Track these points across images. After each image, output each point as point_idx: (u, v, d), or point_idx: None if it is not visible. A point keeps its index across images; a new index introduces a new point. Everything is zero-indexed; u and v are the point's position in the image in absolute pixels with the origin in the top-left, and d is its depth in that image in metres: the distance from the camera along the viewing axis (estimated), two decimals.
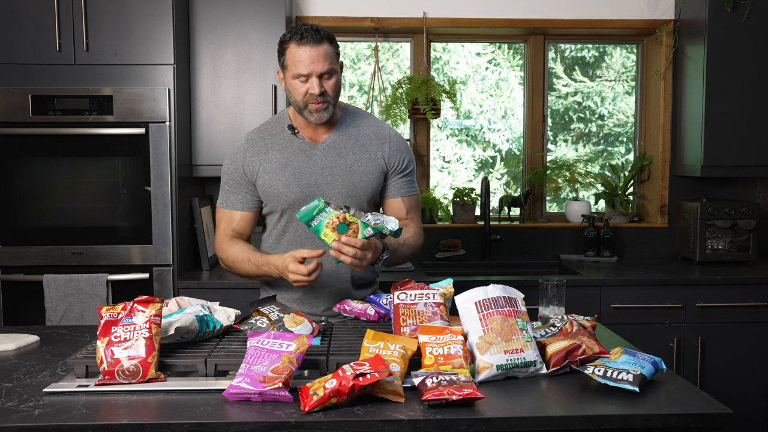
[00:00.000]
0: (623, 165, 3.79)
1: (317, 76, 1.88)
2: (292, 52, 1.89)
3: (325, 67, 1.88)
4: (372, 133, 2.05)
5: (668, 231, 3.62)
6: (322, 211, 1.73)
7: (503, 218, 3.71)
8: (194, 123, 3.14)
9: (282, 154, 2.00)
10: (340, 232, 1.71)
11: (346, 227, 1.72)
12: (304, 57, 1.87)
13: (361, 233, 1.71)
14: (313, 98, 1.89)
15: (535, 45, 3.67)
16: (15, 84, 2.84)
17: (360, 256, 1.74)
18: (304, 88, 1.89)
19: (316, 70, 1.87)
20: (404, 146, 2.08)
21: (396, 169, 2.06)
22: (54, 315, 2.84)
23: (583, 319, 1.76)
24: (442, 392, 1.35)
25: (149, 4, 2.87)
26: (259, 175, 2.01)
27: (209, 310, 1.77)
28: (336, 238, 1.72)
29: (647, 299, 2.99)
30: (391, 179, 2.06)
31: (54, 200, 2.90)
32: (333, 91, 1.92)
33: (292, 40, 1.89)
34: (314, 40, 1.87)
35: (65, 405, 1.39)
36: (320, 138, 2.01)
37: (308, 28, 1.88)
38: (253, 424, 1.31)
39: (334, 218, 1.72)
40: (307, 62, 1.87)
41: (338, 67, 1.95)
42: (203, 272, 3.13)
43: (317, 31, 1.88)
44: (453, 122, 3.80)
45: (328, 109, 1.92)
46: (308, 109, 1.92)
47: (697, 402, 1.42)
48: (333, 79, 1.91)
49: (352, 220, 1.72)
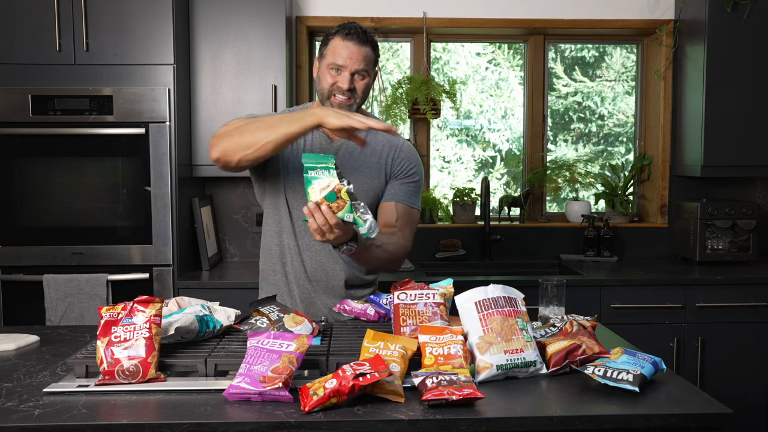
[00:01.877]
0: (623, 165, 3.79)
1: (350, 72, 1.92)
2: (334, 43, 1.93)
3: (361, 66, 1.92)
4: (385, 141, 2.07)
5: (668, 231, 3.62)
6: (327, 170, 1.66)
7: (503, 218, 3.71)
8: (194, 123, 3.14)
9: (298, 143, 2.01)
10: (327, 199, 1.64)
11: (335, 197, 1.65)
12: (343, 51, 1.91)
13: (342, 214, 1.65)
14: (340, 90, 1.92)
15: (535, 45, 3.67)
16: (15, 84, 2.84)
17: (327, 229, 1.67)
18: (334, 78, 1.93)
19: (351, 66, 1.91)
20: (414, 158, 2.08)
21: (397, 174, 2.05)
22: (54, 315, 2.84)
23: (583, 319, 1.76)
24: (442, 392, 1.35)
25: (149, 4, 2.87)
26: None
27: (209, 310, 1.77)
28: (318, 201, 1.64)
29: (647, 299, 2.99)
30: (391, 183, 2.06)
31: (54, 200, 2.90)
32: (361, 92, 1.95)
33: (339, 34, 1.93)
34: (359, 39, 1.92)
35: (65, 405, 1.39)
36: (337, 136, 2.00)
37: (357, 27, 1.93)
38: (253, 424, 1.31)
39: (330, 183, 1.65)
40: (345, 56, 1.91)
41: (373, 73, 1.98)
42: (203, 272, 3.13)
43: (364, 32, 1.94)
44: (453, 122, 3.80)
45: (351, 107, 1.95)
46: (330, 101, 1.94)
47: (697, 402, 1.42)
48: (364, 81, 1.95)
49: (344, 197, 1.65)
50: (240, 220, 3.50)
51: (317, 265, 2.04)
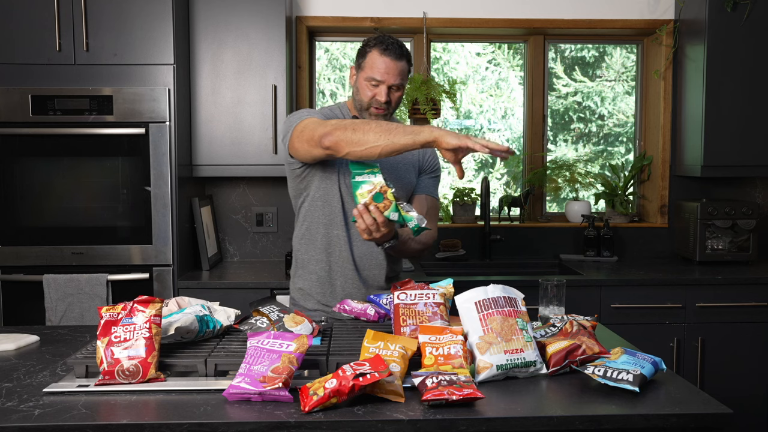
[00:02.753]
0: (623, 165, 3.79)
1: (387, 86, 2.05)
2: (373, 57, 2.06)
3: (397, 81, 2.06)
4: None
5: (668, 231, 3.62)
6: (373, 174, 1.80)
7: (503, 218, 3.71)
8: (194, 123, 3.14)
9: None
10: (375, 200, 1.79)
11: (381, 198, 1.80)
12: (382, 66, 2.04)
13: (390, 212, 1.79)
14: (377, 103, 2.06)
15: (535, 45, 3.67)
16: (15, 84, 2.84)
17: (374, 228, 1.82)
18: (373, 92, 2.06)
19: (388, 81, 2.05)
20: (436, 154, 2.27)
21: (427, 169, 2.24)
22: (54, 315, 2.84)
23: (583, 319, 1.76)
24: (442, 392, 1.35)
25: (149, 4, 2.87)
26: None
27: (209, 310, 1.77)
28: (367, 202, 1.80)
29: (647, 299, 2.99)
30: (421, 177, 2.23)
31: (54, 200, 2.90)
32: (395, 103, 2.11)
33: (377, 47, 2.06)
34: (396, 55, 2.05)
35: (65, 405, 1.39)
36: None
37: (394, 42, 2.06)
38: (253, 424, 1.31)
39: (377, 185, 1.79)
40: (383, 71, 2.04)
41: (405, 84, 2.12)
42: (203, 272, 3.13)
43: (401, 47, 2.07)
44: (453, 122, 3.80)
45: (385, 116, 2.10)
46: (369, 112, 2.09)
47: (697, 402, 1.42)
48: (399, 93, 2.10)
49: (390, 197, 1.80)
50: (240, 220, 3.50)
51: (364, 256, 2.15)
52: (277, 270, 3.18)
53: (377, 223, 1.80)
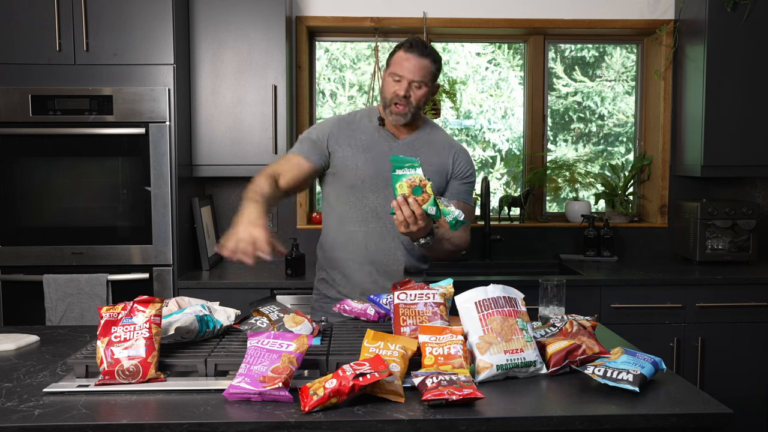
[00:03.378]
0: (623, 165, 3.79)
1: (408, 81, 2.10)
2: (398, 55, 2.13)
3: (417, 77, 2.10)
4: (445, 142, 2.28)
5: (668, 231, 3.62)
6: (413, 167, 1.82)
7: (503, 218, 3.71)
8: (194, 123, 3.14)
9: (367, 138, 2.21)
10: (414, 193, 1.81)
11: (420, 191, 1.81)
12: (404, 62, 2.11)
13: (428, 205, 1.81)
14: (397, 98, 2.11)
15: (535, 45, 3.67)
16: (15, 84, 2.84)
17: (412, 221, 1.83)
18: (394, 88, 2.12)
19: (408, 76, 2.10)
20: (470, 160, 2.29)
21: (457, 175, 2.25)
22: (54, 315, 2.84)
23: (583, 319, 1.76)
24: (442, 392, 1.35)
25: (149, 4, 2.87)
26: (341, 148, 2.19)
27: (209, 310, 1.77)
28: (406, 194, 1.81)
29: (647, 299, 2.99)
30: (452, 182, 2.25)
31: (54, 200, 2.90)
32: (416, 101, 2.13)
33: (403, 47, 2.13)
34: (420, 52, 2.10)
35: (65, 405, 1.39)
36: (401, 135, 2.23)
37: (419, 41, 2.12)
38: (253, 424, 1.31)
39: (417, 178, 1.81)
40: (405, 66, 2.10)
41: (431, 85, 2.16)
42: (203, 272, 3.13)
43: (425, 46, 2.13)
44: (453, 122, 3.80)
45: (406, 114, 2.14)
46: (390, 108, 2.14)
47: (697, 402, 1.42)
48: (421, 90, 2.13)
49: (429, 191, 1.82)
50: None
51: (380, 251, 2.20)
52: (277, 270, 3.18)
53: (415, 215, 1.81)
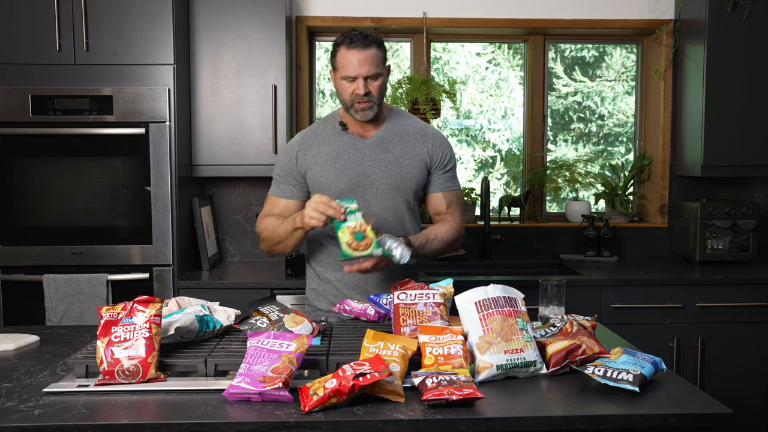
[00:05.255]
0: (623, 165, 3.79)
1: (363, 78, 2.03)
2: (342, 54, 2.05)
3: (371, 71, 2.03)
4: (416, 131, 2.20)
5: (668, 231, 3.62)
6: (352, 213, 1.87)
7: (503, 218, 3.71)
8: (194, 123, 3.14)
9: (332, 148, 2.14)
10: (356, 239, 1.85)
11: (362, 237, 1.85)
12: (352, 60, 2.02)
13: (371, 250, 1.85)
14: (359, 98, 2.04)
15: (535, 45, 3.67)
16: (15, 84, 2.84)
17: (371, 269, 1.92)
18: (351, 88, 2.04)
19: (362, 73, 2.02)
20: (446, 144, 2.23)
21: (438, 165, 2.19)
22: (54, 315, 2.84)
23: (583, 319, 1.76)
24: (442, 392, 1.35)
25: (149, 4, 2.87)
26: (310, 167, 2.13)
27: (209, 310, 1.77)
28: (349, 241, 1.85)
29: (647, 299, 2.99)
30: (434, 174, 2.20)
31: (54, 200, 2.90)
32: (377, 92, 2.06)
33: (343, 44, 2.04)
34: (362, 45, 2.02)
35: (65, 405, 1.39)
36: (368, 134, 2.16)
37: (357, 34, 2.04)
38: (253, 424, 1.31)
39: (357, 225, 1.85)
40: (355, 65, 2.02)
41: (384, 70, 2.08)
42: (203, 272, 3.13)
43: (366, 36, 2.04)
44: (453, 122, 3.80)
45: (372, 108, 2.07)
46: (354, 108, 2.07)
47: (697, 402, 1.42)
48: (378, 81, 2.06)
49: (370, 234, 1.85)
50: (240, 220, 3.50)
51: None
52: (277, 270, 3.18)
53: (368, 267, 1.89)
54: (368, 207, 2.09)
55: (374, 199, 2.12)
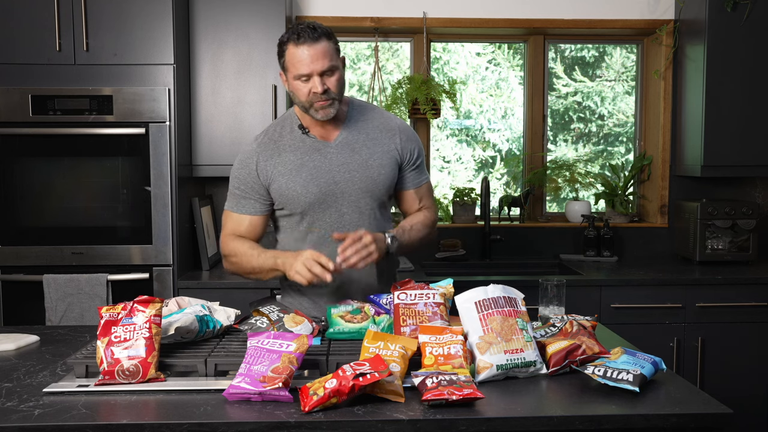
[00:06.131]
0: (623, 165, 3.79)
1: (318, 74, 1.86)
2: (291, 53, 1.87)
3: (326, 65, 1.86)
4: (381, 126, 2.05)
5: (668, 231, 3.62)
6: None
7: (503, 218, 3.71)
8: (194, 123, 3.14)
9: (295, 155, 1.98)
10: (352, 314, 1.79)
11: (359, 312, 1.79)
12: (303, 57, 1.84)
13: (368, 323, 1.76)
14: (317, 97, 1.87)
15: (535, 45, 3.67)
16: (15, 84, 2.84)
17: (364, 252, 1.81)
18: (307, 87, 1.88)
19: (316, 69, 1.85)
20: (413, 136, 2.10)
21: (408, 161, 2.07)
22: (54, 315, 2.84)
23: (583, 319, 1.76)
24: (442, 392, 1.35)
25: (149, 4, 2.87)
26: (274, 179, 1.98)
27: (209, 310, 1.77)
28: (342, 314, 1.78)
29: (647, 299, 2.99)
30: (405, 171, 2.08)
31: (54, 200, 2.90)
32: (336, 88, 1.90)
33: (290, 41, 1.86)
34: (311, 38, 1.84)
35: (65, 405, 1.39)
36: (331, 135, 2.00)
37: (304, 27, 1.85)
38: (253, 424, 1.31)
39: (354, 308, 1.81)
40: (307, 62, 1.84)
41: (339, 62, 1.93)
42: (203, 272, 3.13)
43: (314, 29, 1.86)
44: (453, 122, 3.80)
45: (333, 105, 1.91)
46: (314, 108, 1.90)
47: (697, 402, 1.42)
48: (335, 75, 1.89)
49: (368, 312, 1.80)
50: None
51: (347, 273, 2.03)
52: None
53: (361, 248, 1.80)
54: (340, 215, 1.98)
55: (346, 207, 1.99)
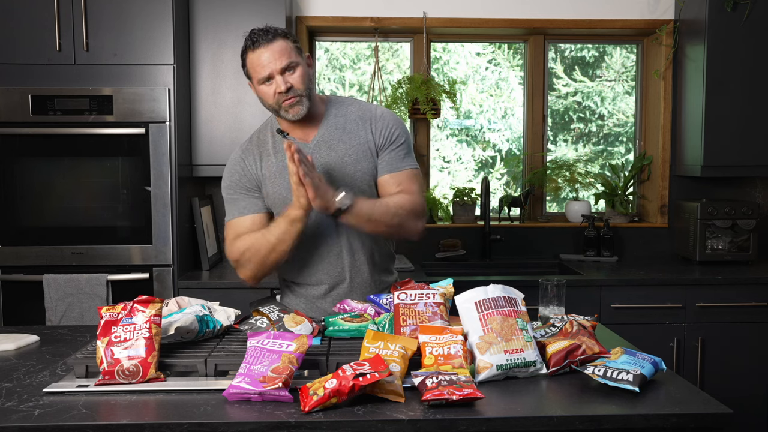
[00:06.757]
0: (623, 165, 3.79)
1: (279, 73, 1.87)
2: (250, 59, 1.90)
3: (284, 63, 1.87)
4: (357, 118, 2.00)
5: (668, 231, 3.62)
6: None
7: (503, 218, 3.71)
8: (194, 123, 3.14)
9: (277, 158, 1.98)
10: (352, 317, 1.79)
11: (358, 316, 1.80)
12: (261, 59, 1.87)
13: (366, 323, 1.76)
14: (283, 96, 1.88)
15: (535, 45, 3.67)
16: (15, 84, 2.84)
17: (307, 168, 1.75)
18: (272, 89, 1.88)
19: (275, 69, 1.86)
20: (392, 120, 2.01)
21: (383, 145, 1.98)
22: (54, 315, 2.84)
23: (583, 319, 1.76)
24: (442, 392, 1.35)
25: (149, 4, 2.87)
26: (262, 182, 1.99)
27: (209, 310, 1.77)
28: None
29: (647, 299, 2.99)
30: (381, 155, 1.99)
31: (54, 200, 2.90)
32: (300, 84, 1.89)
33: (248, 49, 1.90)
34: (266, 40, 1.87)
35: (65, 405, 1.39)
36: (309, 136, 1.98)
37: (257, 32, 1.88)
38: (253, 424, 1.31)
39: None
40: (264, 64, 1.87)
41: (301, 59, 1.91)
42: (203, 272, 3.13)
43: (267, 31, 1.88)
44: (453, 122, 3.80)
45: (301, 102, 1.90)
46: (283, 108, 1.90)
47: (697, 402, 1.42)
48: (297, 72, 1.89)
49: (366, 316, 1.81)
50: None
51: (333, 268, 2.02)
52: None
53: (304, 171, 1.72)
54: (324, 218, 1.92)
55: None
